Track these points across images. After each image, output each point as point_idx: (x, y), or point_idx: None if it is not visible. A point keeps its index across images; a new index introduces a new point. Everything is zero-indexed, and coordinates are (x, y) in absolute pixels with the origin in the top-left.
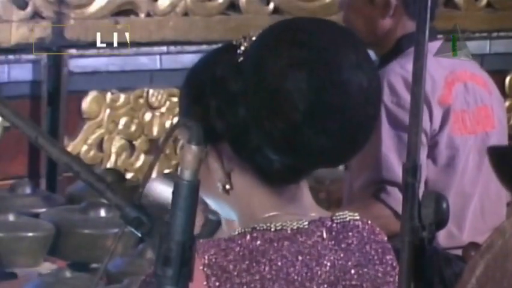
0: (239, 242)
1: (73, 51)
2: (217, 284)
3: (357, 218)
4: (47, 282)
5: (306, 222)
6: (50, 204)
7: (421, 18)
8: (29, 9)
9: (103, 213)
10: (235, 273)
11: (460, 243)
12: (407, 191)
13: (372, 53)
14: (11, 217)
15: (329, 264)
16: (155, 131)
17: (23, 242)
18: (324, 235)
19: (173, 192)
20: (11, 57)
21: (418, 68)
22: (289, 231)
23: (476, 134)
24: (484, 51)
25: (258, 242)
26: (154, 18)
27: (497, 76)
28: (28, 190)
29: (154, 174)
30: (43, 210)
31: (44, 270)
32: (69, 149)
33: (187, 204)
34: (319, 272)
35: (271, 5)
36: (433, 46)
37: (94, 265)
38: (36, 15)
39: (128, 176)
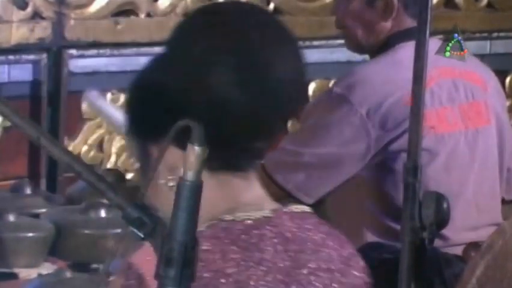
0: (209, 234)
1: (73, 51)
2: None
3: (310, 210)
4: (47, 283)
5: (268, 211)
6: (50, 204)
7: (421, 18)
8: (29, 9)
9: (103, 213)
10: (211, 263)
11: (448, 243)
12: (407, 191)
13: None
14: (11, 217)
15: (296, 248)
16: None
17: (23, 243)
18: (287, 222)
19: (175, 193)
20: (11, 57)
21: (418, 68)
22: (254, 221)
23: (466, 129)
24: (484, 52)
25: (227, 233)
26: (154, 19)
27: (497, 76)
28: (28, 190)
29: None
30: (43, 210)
31: (44, 271)
32: (69, 149)
33: (189, 204)
34: (288, 257)
35: (272, 5)
36: None
37: (95, 265)
38: (36, 15)
39: (129, 176)
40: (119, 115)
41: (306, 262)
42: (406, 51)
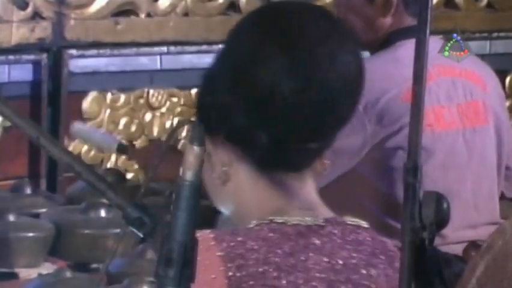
0: (257, 233)
1: (73, 51)
2: (233, 270)
3: (367, 225)
4: (47, 283)
5: (321, 220)
6: (50, 204)
7: (421, 18)
8: (29, 9)
9: (103, 213)
10: (252, 262)
11: (446, 241)
12: (407, 191)
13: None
14: (11, 217)
15: (341, 262)
16: (155, 131)
17: (23, 242)
18: (338, 233)
19: (174, 193)
20: (11, 57)
21: (418, 67)
22: (305, 227)
23: (464, 128)
24: (484, 52)
25: (276, 235)
26: (155, 19)
27: (497, 76)
28: (28, 190)
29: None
30: (43, 210)
31: (44, 271)
32: (69, 149)
33: (188, 204)
34: (331, 270)
35: None
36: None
37: (95, 265)
38: (36, 15)
39: (129, 176)
40: (106, 137)
41: (348, 276)
42: (406, 48)
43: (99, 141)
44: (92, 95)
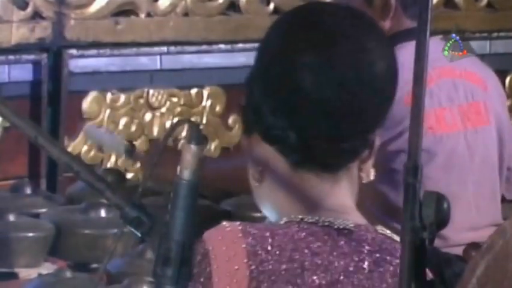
0: (285, 230)
1: (73, 51)
2: (256, 264)
3: (397, 239)
4: (47, 283)
5: (352, 224)
6: (50, 204)
7: (421, 19)
8: (29, 9)
9: (103, 213)
10: (276, 258)
11: (447, 243)
12: (408, 191)
13: None
14: (11, 217)
15: (367, 268)
16: (155, 131)
17: (23, 242)
18: (368, 240)
19: (172, 192)
20: (11, 57)
21: (419, 69)
22: (335, 229)
23: (465, 130)
24: (484, 51)
25: (304, 234)
26: (154, 19)
27: (497, 76)
28: (28, 190)
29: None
30: (43, 210)
31: (44, 271)
32: (69, 149)
33: (186, 203)
34: (356, 274)
35: (272, 5)
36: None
37: (95, 265)
38: (36, 15)
39: (129, 176)
40: (114, 140)
41: (373, 283)
42: (406, 51)
43: (109, 145)
44: (92, 95)
